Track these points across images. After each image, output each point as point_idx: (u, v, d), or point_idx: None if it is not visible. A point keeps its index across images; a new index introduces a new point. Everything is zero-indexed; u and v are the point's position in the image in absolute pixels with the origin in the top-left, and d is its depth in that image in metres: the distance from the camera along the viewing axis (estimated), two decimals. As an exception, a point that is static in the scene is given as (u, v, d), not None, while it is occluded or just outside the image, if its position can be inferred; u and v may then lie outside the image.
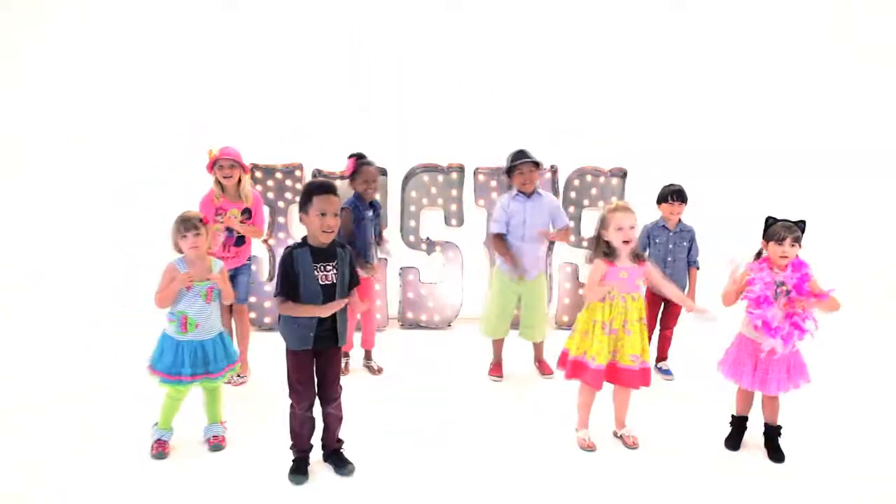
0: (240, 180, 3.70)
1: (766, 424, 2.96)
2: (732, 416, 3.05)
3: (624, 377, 2.90)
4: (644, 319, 2.90)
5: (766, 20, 5.59)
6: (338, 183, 4.44)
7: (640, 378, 2.90)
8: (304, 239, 2.57)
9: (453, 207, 5.17)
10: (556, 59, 5.44)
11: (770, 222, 2.83)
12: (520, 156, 3.73)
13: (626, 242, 2.79)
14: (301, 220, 2.56)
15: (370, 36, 5.39)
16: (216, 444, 2.88)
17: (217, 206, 3.63)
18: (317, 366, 2.65)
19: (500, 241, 3.83)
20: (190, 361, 2.76)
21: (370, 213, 3.86)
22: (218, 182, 3.66)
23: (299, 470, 2.67)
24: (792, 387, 2.82)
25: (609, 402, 3.09)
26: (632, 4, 5.52)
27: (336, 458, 2.76)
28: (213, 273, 2.83)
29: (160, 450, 2.80)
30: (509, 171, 3.77)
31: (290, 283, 2.50)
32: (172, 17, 5.40)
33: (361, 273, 3.85)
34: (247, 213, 3.73)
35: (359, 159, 3.83)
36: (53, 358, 4.05)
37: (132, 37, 5.42)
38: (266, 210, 4.67)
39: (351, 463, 2.74)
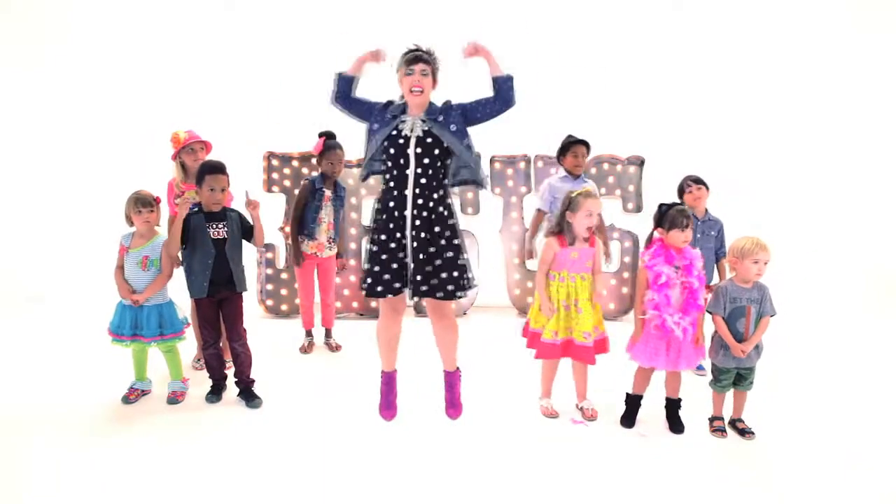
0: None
1: (668, 399, 3.06)
2: (628, 394, 3.12)
3: (579, 353, 3.05)
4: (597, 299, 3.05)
5: (783, 15, 5.59)
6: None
7: (594, 352, 3.05)
8: (200, 206, 3.10)
9: (469, 195, 5.17)
10: (559, 56, 5.44)
11: (665, 209, 2.88)
12: (571, 137, 4.09)
13: (589, 229, 2.95)
14: (197, 192, 3.10)
15: (371, 36, 5.39)
16: (172, 398, 3.27)
17: (178, 193, 3.54)
18: (222, 311, 3.21)
19: (540, 218, 4.23)
20: (131, 324, 3.18)
21: (329, 192, 3.98)
22: (181, 167, 3.58)
23: (213, 392, 3.29)
24: (700, 359, 2.97)
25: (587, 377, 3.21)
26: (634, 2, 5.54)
27: (246, 394, 3.24)
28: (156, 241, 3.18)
29: (127, 395, 3.26)
30: (563, 151, 4.09)
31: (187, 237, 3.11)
32: (173, 17, 5.42)
33: (307, 248, 4.02)
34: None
35: (328, 139, 3.89)
36: (53, 358, 4.05)
37: (132, 37, 5.44)
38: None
39: (259, 398, 3.19)
